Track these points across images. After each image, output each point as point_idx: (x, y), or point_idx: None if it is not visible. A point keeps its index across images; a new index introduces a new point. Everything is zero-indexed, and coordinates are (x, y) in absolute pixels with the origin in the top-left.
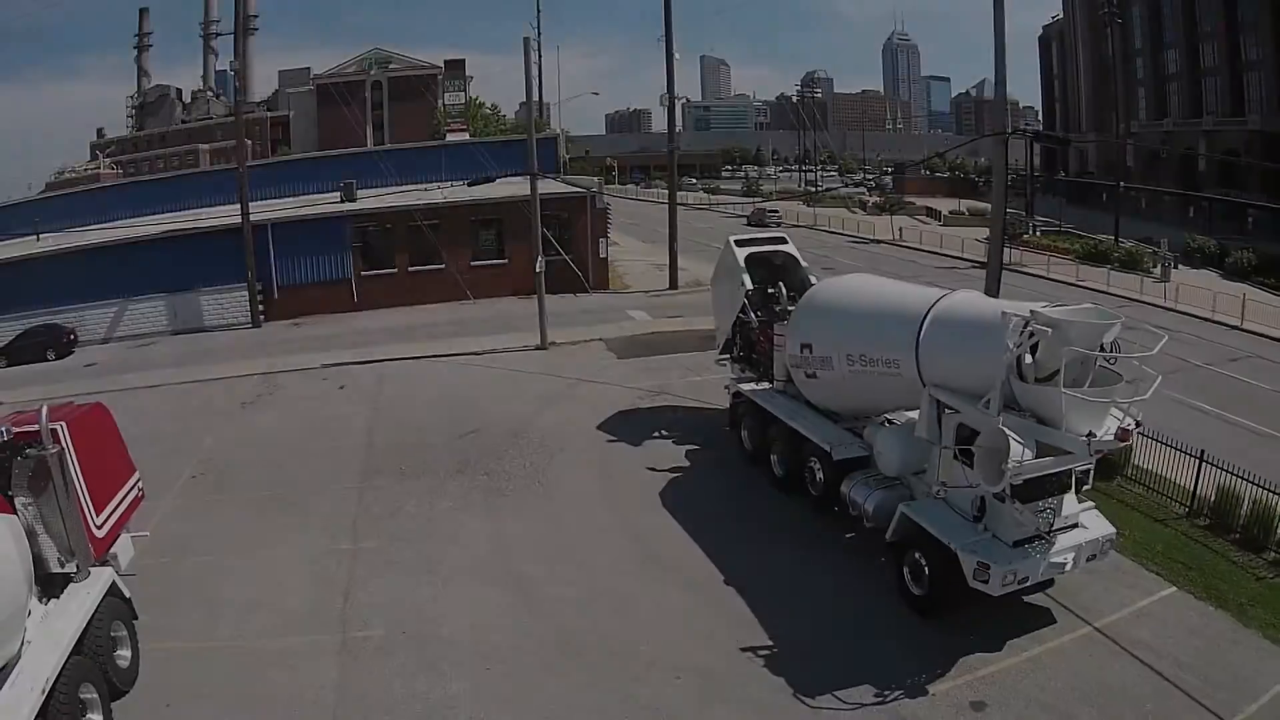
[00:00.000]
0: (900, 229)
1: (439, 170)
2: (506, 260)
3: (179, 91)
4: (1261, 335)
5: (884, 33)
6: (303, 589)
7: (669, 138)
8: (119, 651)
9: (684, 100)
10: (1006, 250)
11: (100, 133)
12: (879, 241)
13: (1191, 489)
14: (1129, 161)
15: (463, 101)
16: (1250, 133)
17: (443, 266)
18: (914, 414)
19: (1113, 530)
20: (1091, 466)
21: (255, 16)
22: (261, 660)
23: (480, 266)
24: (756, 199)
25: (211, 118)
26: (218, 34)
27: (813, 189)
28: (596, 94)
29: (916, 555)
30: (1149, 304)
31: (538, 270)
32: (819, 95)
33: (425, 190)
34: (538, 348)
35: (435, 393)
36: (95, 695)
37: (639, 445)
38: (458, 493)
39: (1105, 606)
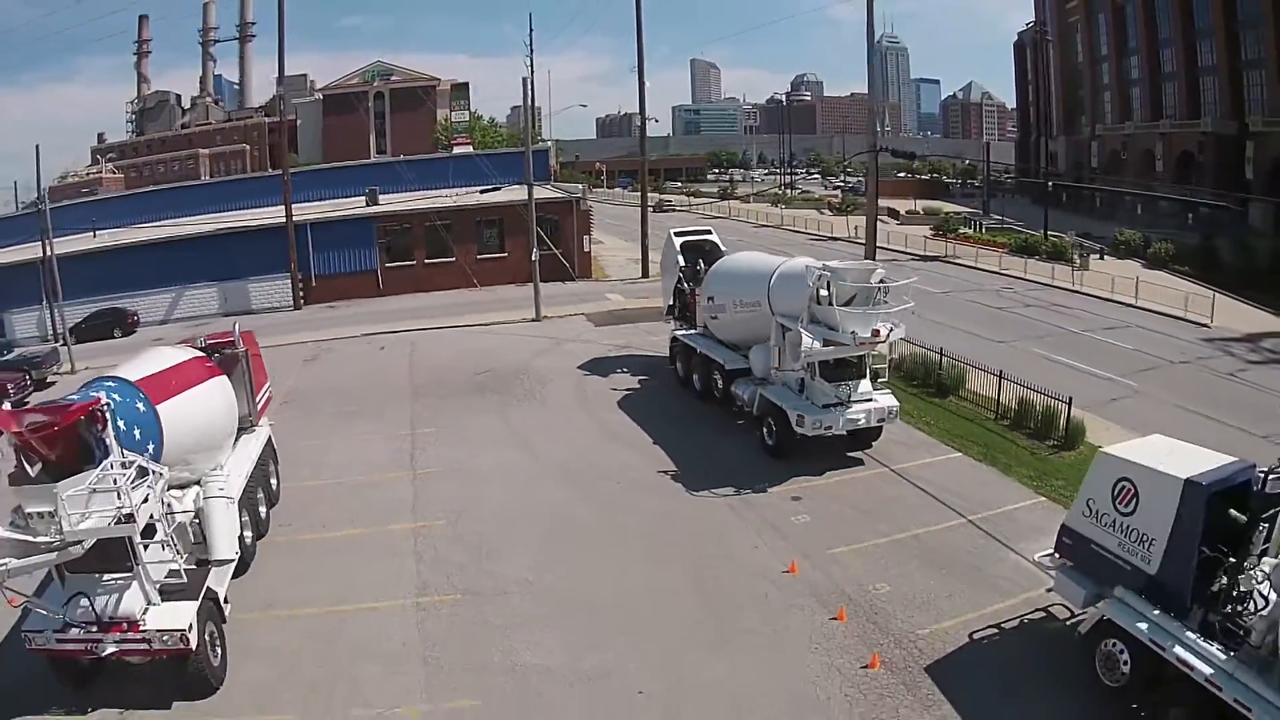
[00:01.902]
0: (856, 227)
1: (447, 178)
2: (506, 254)
3: (178, 97)
4: (1151, 310)
5: (874, 35)
6: (381, 454)
7: (641, 150)
8: (271, 479)
9: (652, 120)
10: (942, 244)
11: (100, 137)
12: (836, 239)
13: (997, 398)
14: (1093, 162)
15: (467, 118)
16: (1203, 134)
17: (453, 259)
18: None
19: (897, 404)
20: (885, 367)
21: (253, 24)
22: (359, 487)
23: (484, 259)
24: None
25: (210, 123)
26: (217, 41)
27: (789, 190)
28: (584, 106)
29: (769, 420)
30: (1058, 287)
31: (533, 260)
32: (808, 98)
33: (439, 195)
34: (533, 320)
35: (456, 350)
36: (262, 495)
37: (606, 377)
38: (479, 404)
39: (903, 461)
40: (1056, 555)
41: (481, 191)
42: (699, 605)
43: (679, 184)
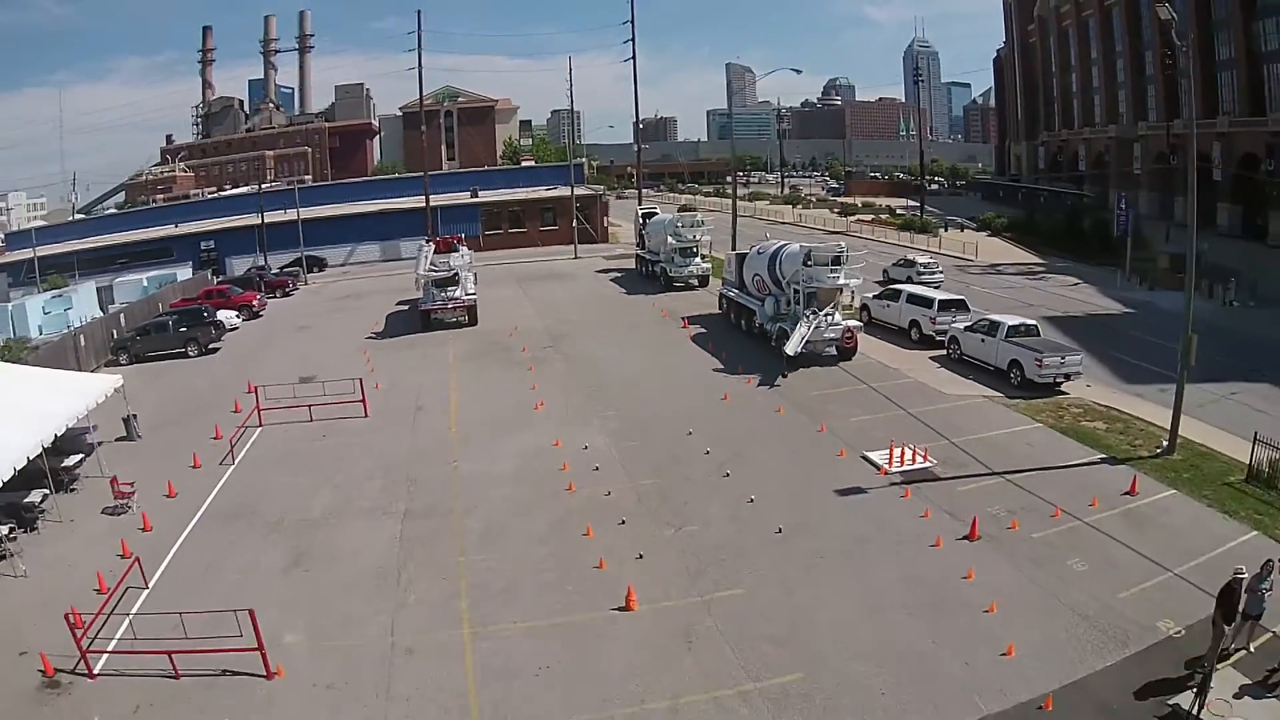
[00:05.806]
0: (801, 214)
1: (519, 181)
2: (557, 226)
3: (241, 103)
4: (943, 253)
5: (906, 39)
6: (509, 296)
7: (637, 159)
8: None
9: (644, 142)
10: (845, 223)
11: (169, 139)
12: (785, 222)
13: None
14: (1042, 164)
15: (530, 142)
16: (1108, 139)
17: (526, 230)
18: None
19: (710, 267)
20: (708, 253)
21: (311, 35)
22: (499, 298)
23: (544, 230)
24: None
25: (274, 127)
26: (278, 51)
27: (784, 190)
28: (612, 127)
29: (662, 276)
30: (902, 245)
31: (574, 227)
32: (838, 102)
33: (516, 191)
34: (573, 258)
35: (532, 268)
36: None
37: (606, 274)
38: (549, 282)
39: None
40: (722, 289)
41: (546, 190)
42: (621, 315)
43: (695, 185)
